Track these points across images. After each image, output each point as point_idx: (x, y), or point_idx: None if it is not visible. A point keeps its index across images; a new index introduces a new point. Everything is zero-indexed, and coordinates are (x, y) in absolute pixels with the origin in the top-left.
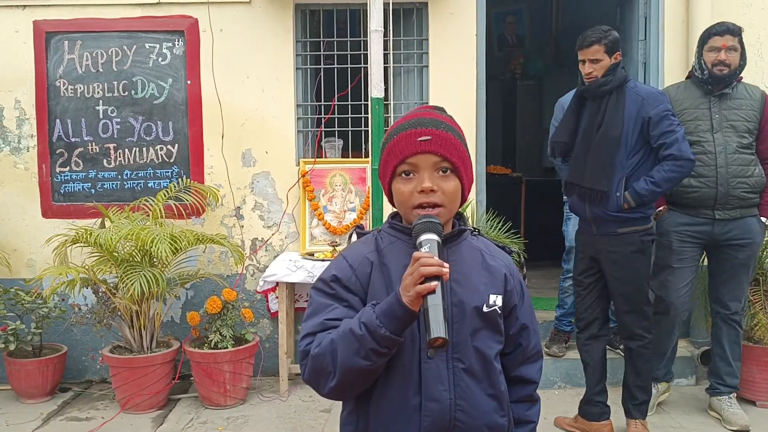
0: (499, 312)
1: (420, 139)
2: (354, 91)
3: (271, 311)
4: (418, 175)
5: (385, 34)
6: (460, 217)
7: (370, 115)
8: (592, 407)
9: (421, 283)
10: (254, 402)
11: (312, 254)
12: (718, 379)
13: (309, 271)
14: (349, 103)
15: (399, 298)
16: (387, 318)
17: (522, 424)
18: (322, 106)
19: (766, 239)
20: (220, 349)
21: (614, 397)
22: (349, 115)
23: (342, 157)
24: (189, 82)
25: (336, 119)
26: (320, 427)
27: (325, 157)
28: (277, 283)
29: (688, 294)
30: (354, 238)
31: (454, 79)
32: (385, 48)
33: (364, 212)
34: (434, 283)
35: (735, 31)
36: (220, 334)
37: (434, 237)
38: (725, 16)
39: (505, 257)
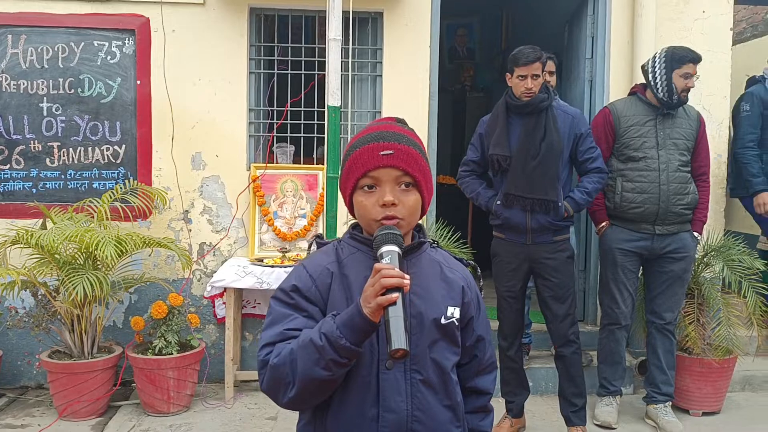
0: (457, 324)
1: (382, 153)
2: (307, 98)
3: (218, 317)
4: (380, 189)
5: (343, 43)
6: (420, 229)
7: (326, 123)
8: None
9: (383, 294)
10: (198, 409)
11: (261, 260)
12: (654, 388)
13: (258, 277)
14: (302, 109)
15: (360, 309)
16: (347, 329)
17: None
18: (275, 112)
19: (698, 254)
20: (165, 355)
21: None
22: (302, 121)
23: (293, 163)
24: (138, 82)
25: (288, 125)
26: None
27: (276, 163)
28: (225, 288)
29: (633, 305)
30: (314, 248)
31: (408, 89)
32: (342, 56)
33: (314, 219)
34: (395, 294)
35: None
36: (165, 339)
37: (395, 248)
38: (666, 39)
39: (462, 269)
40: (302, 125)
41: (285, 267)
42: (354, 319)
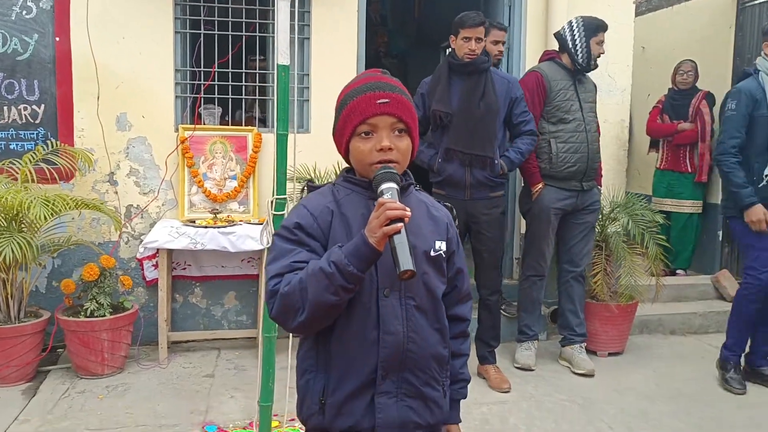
0: (444, 256)
1: (379, 101)
2: (235, 59)
3: (147, 279)
4: (376, 135)
5: (271, 4)
6: (406, 173)
7: (275, 83)
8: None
9: (387, 224)
10: (133, 370)
11: (193, 221)
12: (570, 331)
13: (192, 238)
14: (230, 70)
15: (366, 240)
16: (354, 257)
17: (458, 357)
18: (202, 73)
19: (605, 210)
20: (98, 317)
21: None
22: (229, 83)
23: (221, 125)
24: (57, 39)
25: (216, 86)
26: (205, 390)
27: (203, 125)
28: (158, 249)
29: (552, 258)
30: (305, 192)
31: (336, 52)
32: (269, 17)
33: (245, 180)
34: (399, 224)
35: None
36: (97, 301)
37: (394, 185)
38: (578, 9)
39: (444, 210)
40: (230, 87)
41: (219, 228)
42: (360, 248)
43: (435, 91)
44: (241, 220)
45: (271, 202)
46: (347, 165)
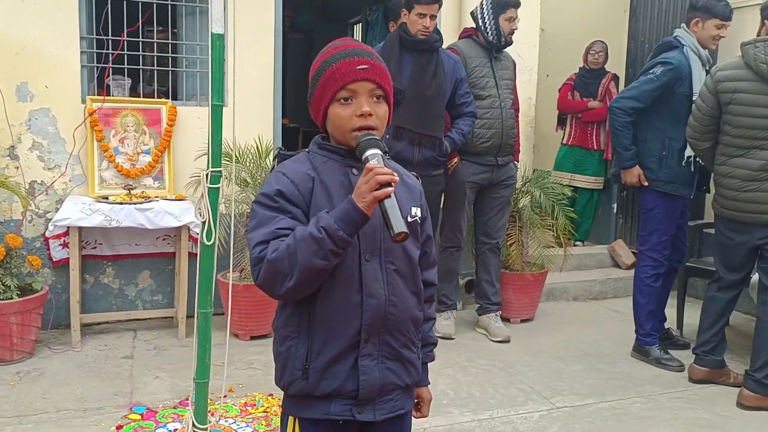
0: (419, 222)
1: (359, 67)
2: (145, 28)
3: (53, 259)
4: (356, 101)
5: None
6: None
7: (210, 51)
8: None
9: (377, 189)
10: (44, 355)
11: (105, 198)
12: (486, 300)
13: (106, 215)
14: (140, 39)
15: (355, 205)
16: (343, 222)
17: (427, 320)
18: (110, 41)
19: (519, 183)
20: (5, 299)
21: None
22: (140, 53)
23: (130, 96)
24: None
25: (125, 56)
26: (127, 372)
27: (112, 96)
28: (68, 228)
29: (468, 230)
30: (276, 161)
31: (253, 25)
32: None
33: (159, 155)
34: (390, 188)
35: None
36: (3, 283)
37: (379, 151)
38: None
39: (414, 178)
40: (140, 57)
41: (134, 204)
42: (350, 213)
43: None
44: (157, 196)
45: (207, 175)
46: (322, 133)
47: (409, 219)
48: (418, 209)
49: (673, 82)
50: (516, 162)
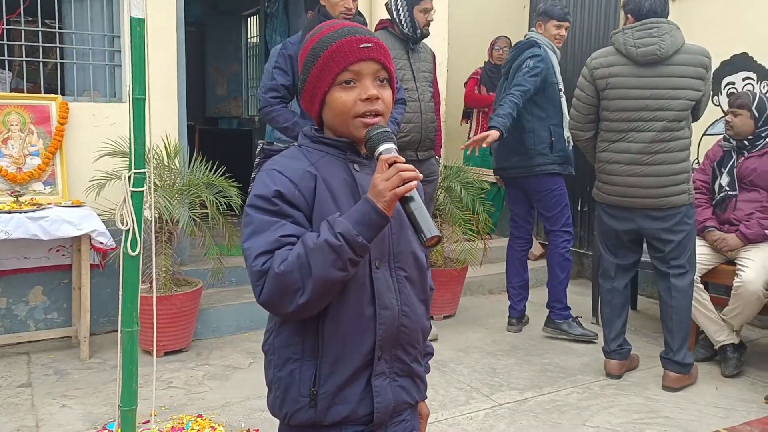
0: None
1: (362, 45)
2: (30, 16)
3: None
4: (360, 83)
5: None
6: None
7: (128, 38)
8: None
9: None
10: None
11: None
12: None
13: None
14: (23, 28)
15: (373, 205)
16: (362, 226)
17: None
18: None
19: (440, 178)
20: None
21: None
22: (23, 43)
23: (13, 92)
24: None
25: (5, 47)
26: (27, 402)
27: None
28: None
29: None
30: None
31: (152, 17)
32: None
33: (50, 156)
34: (413, 183)
35: None
36: None
37: (393, 146)
38: None
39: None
40: (23, 48)
41: (25, 212)
42: (369, 215)
43: None
44: (50, 203)
45: (129, 177)
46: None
47: None
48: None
49: (545, 73)
50: (438, 157)
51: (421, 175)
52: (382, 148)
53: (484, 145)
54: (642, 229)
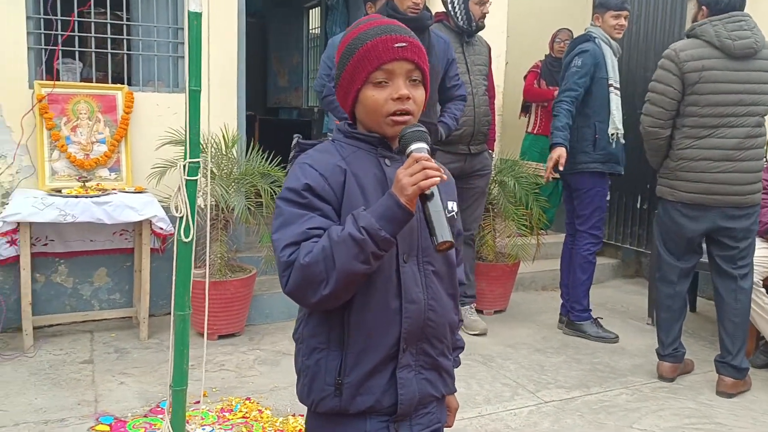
0: (456, 217)
1: (397, 45)
2: (98, 9)
3: (0, 258)
4: (392, 83)
5: None
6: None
7: (186, 32)
8: None
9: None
10: None
11: (59, 191)
12: (461, 293)
13: (61, 210)
14: (93, 20)
15: (397, 200)
16: (385, 220)
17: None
18: (59, 22)
19: (493, 173)
20: None
21: None
22: (92, 35)
23: (81, 81)
24: None
25: (76, 38)
26: (88, 378)
27: (62, 81)
28: (19, 224)
29: None
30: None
31: (214, 9)
32: None
33: (116, 144)
34: (436, 179)
35: None
36: None
37: (425, 146)
38: None
39: (447, 170)
40: (92, 39)
41: (90, 197)
42: (393, 210)
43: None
44: (114, 189)
45: (184, 165)
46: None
47: (446, 214)
48: (454, 203)
49: (593, 69)
50: (491, 151)
51: (445, 176)
52: (413, 147)
53: (560, 168)
54: (718, 229)
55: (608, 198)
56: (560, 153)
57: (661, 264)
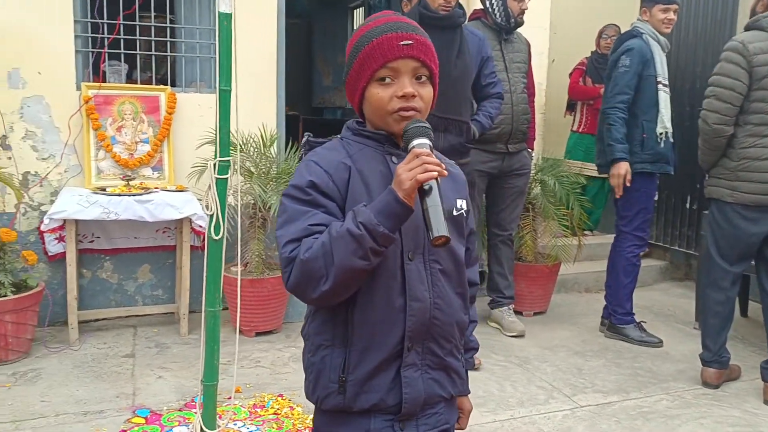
0: (465, 216)
1: (402, 43)
2: (142, 12)
3: (49, 254)
4: (398, 81)
5: None
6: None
7: (217, 32)
8: None
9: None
10: (40, 354)
11: (103, 189)
12: (499, 293)
13: (105, 207)
14: (137, 23)
15: (396, 195)
16: (384, 216)
17: (469, 324)
18: (105, 25)
19: (532, 172)
20: None
21: None
22: (137, 37)
23: (127, 83)
24: None
25: (121, 41)
26: (128, 372)
27: (108, 83)
28: (64, 221)
29: (479, 221)
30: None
31: (255, 8)
32: None
33: (159, 144)
34: (434, 173)
35: None
36: None
37: (427, 142)
38: None
39: (457, 167)
40: (138, 42)
41: (133, 195)
42: (390, 205)
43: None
44: (156, 187)
45: (214, 165)
46: (358, 118)
47: (455, 212)
48: (464, 201)
49: (641, 67)
50: (530, 150)
51: (445, 172)
52: (415, 142)
53: (628, 184)
54: None
55: (656, 198)
56: (626, 169)
57: (713, 269)
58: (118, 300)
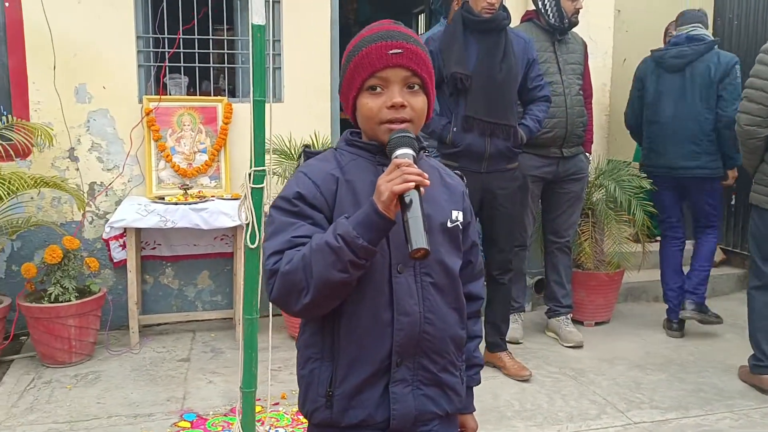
0: (461, 228)
1: (391, 52)
2: (201, 26)
3: (114, 260)
4: (387, 90)
5: None
6: (416, 137)
7: (250, 44)
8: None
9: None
10: (102, 357)
11: (162, 198)
12: (556, 302)
13: (162, 216)
14: (196, 37)
15: (375, 207)
16: (363, 228)
17: (472, 339)
18: (166, 40)
19: (591, 176)
20: (63, 302)
21: None
22: (196, 51)
23: (187, 95)
24: (7, 4)
25: (181, 54)
26: (182, 376)
27: (169, 95)
28: (125, 229)
29: (534, 227)
30: (302, 159)
31: (309, 17)
32: None
33: (216, 153)
34: (411, 184)
35: None
36: (61, 285)
37: (410, 152)
38: None
39: (456, 178)
40: (196, 55)
41: (190, 204)
42: (370, 217)
43: (450, 50)
44: (213, 196)
45: (249, 174)
46: (354, 128)
47: (449, 224)
48: (460, 213)
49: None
50: (587, 154)
51: (427, 181)
52: (398, 152)
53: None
54: None
55: (733, 203)
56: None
57: (759, 273)
58: (178, 305)
